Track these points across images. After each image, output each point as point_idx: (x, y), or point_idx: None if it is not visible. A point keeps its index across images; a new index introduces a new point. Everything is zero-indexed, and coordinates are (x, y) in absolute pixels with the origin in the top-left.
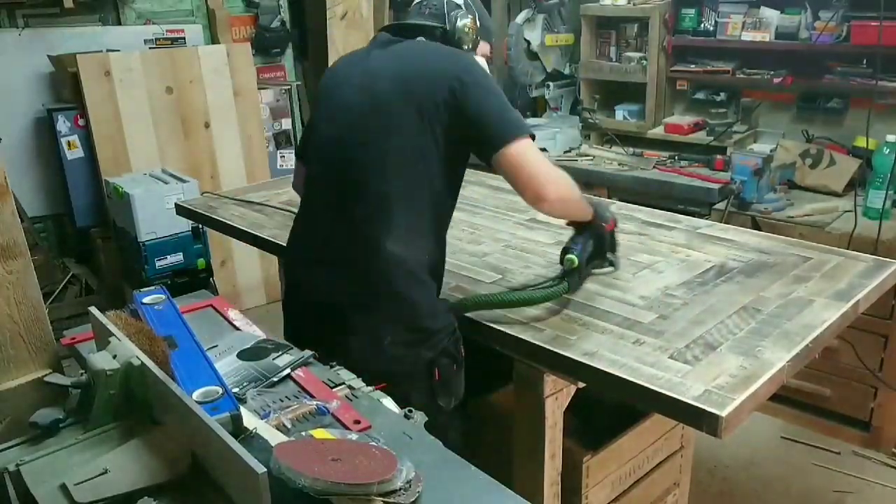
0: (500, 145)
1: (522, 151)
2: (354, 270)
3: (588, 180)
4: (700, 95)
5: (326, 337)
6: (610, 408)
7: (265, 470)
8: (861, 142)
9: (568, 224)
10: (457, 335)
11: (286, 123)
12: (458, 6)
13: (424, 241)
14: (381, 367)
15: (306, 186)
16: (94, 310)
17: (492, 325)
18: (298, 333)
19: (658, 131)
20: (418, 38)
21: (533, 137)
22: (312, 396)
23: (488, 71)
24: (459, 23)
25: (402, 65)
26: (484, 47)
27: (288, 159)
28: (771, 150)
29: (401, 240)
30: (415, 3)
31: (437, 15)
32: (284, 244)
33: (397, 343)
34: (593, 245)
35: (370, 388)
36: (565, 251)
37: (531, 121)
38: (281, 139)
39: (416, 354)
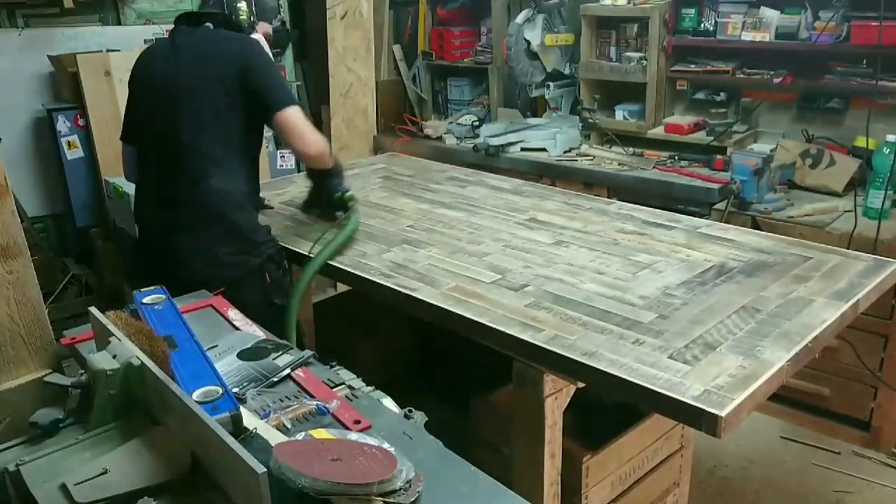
0: (277, 110)
1: (293, 116)
2: (187, 207)
3: (588, 180)
4: (700, 95)
5: (170, 267)
6: (610, 408)
7: (265, 470)
8: (861, 142)
9: (309, 174)
10: (278, 247)
11: None
12: None
13: (242, 177)
14: (219, 275)
15: (140, 159)
16: (94, 310)
17: (492, 325)
18: (147, 274)
19: (658, 131)
20: (206, 24)
21: (302, 107)
22: (312, 396)
23: (268, 48)
24: (237, 6)
25: (204, 48)
26: (264, 26)
27: (288, 159)
28: (771, 150)
29: (222, 177)
30: None
31: (218, 3)
32: (284, 244)
33: (231, 253)
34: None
35: (370, 387)
36: (341, 193)
37: (531, 120)
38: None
39: (246, 261)
